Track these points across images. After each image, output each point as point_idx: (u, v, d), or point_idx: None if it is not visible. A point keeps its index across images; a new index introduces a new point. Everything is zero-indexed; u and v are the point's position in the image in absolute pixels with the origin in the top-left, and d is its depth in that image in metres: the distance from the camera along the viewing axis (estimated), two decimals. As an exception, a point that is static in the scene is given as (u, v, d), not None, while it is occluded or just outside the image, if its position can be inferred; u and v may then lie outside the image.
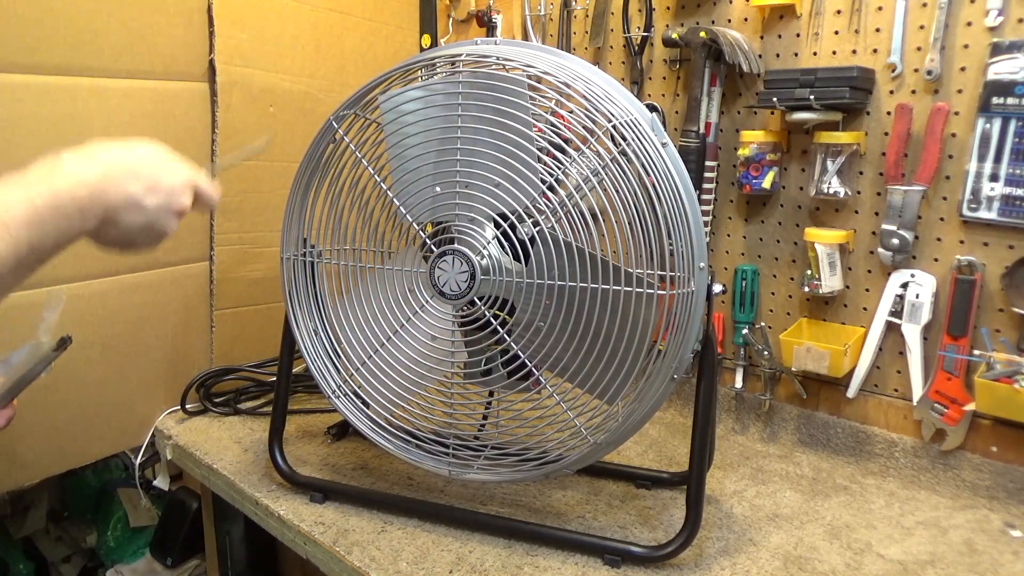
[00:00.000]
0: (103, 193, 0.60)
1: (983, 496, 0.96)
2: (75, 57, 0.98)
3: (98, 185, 0.60)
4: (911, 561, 0.82)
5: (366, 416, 0.90)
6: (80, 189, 0.58)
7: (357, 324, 0.89)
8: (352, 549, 0.82)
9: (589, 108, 0.74)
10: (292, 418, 1.18)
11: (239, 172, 1.19)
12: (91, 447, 1.12)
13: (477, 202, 0.78)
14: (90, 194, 0.59)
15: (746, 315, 1.15)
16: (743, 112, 1.14)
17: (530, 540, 0.84)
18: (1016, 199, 0.91)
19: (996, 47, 0.90)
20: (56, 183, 0.57)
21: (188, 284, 1.17)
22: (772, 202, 1.13)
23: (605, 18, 1.26)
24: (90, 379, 1.07)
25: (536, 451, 0.84)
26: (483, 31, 1.42)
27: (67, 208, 0.57)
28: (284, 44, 1.23)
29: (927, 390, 0.99)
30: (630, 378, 0.76)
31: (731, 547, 0.84)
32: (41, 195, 0.56)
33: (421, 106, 0.80)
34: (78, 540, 1.51)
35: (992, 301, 0.95)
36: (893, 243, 1.00)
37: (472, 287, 0.79)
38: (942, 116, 0.95)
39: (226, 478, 1.00)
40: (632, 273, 0.74)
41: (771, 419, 1.15)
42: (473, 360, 0.85)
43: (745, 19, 1.12)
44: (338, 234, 0.89)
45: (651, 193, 0.71)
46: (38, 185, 0.56)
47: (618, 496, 0.96)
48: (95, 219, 0.60)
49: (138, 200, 0.63)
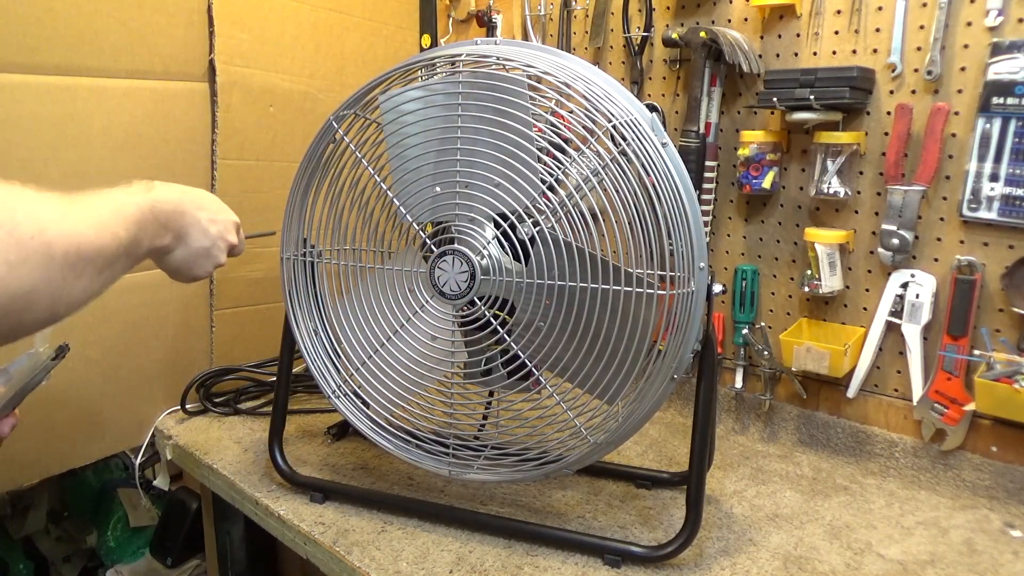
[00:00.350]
0: (182, 211, 0.73)
1: (983, 496, 0.96)
2: (75, 57, 0.98)
3: (179, 203, 0.72)
4: (911, 561, 0.82)
5: (366, 416, 0.90)
6: (167, 204, 0.70)
7: (357, 324, 0.89)
8: (352, 549, 0.82)
9: (589, 108, 0.74)
10: (292, 418, 1.18)
11: (239, 172, 1.19)
12: (91, 447, 1.12)
13: (477, 202, 0.78)
14: (173, 210, 0.71)
15: (746, 315, 1.15)
16: (743, 112, 1.14)
17: (530, 540, 0.84)
18: (1016, 199, 0.91)
19: (996, 47, 0.90)
20: (152, 196, 0.68)
21: (188, 284, 1.16)
22: (772, 202, 1.13)
23: (605, 18, 1.26)
24: (90, 379, 1.07)
25: (536, 451, 0.83)
26: (483, 31, 1.42)
27: (159, 217, 0.68)
28: (284, 44, 1.23)
29: (927, 390, 0.99)
30: (630, 378, 0.76)
31: (731, 547, 0.84)
32: (146, 201, 0.66)
33: (421, 106, 0.80)
34: (78, 540, 1.51)
35: (992, 301, 0.95)
36: (893, 243, 1.00)
37: (472, 287, 0.79)
38: (942, 116, 0.95)
39: (226, 478, 1.00)
40: (632, 273, 0.74)
41: (771, 419, 1.15)
42: (473, 360, 0.85)
43: (745, 19, 1.12)
44: (338, 234, 0.89)
45: (651, 193, 0.71)
46: (140, 195, 0.66)
47: (618, 496, 0.96)
48: (171, 234, 0.72)
49: (205, 225, 0.76)
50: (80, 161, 1.01)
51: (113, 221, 0.60)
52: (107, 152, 1.03)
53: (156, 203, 0.68)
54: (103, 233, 0.58)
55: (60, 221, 0.53)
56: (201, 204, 0.76)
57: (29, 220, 0.51)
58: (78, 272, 0.54)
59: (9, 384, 0.71)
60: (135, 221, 0.63)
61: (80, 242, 0.54)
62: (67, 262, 0.53)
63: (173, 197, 0.72)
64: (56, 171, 0.98)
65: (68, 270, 0.53)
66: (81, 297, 0.56)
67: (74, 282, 0.54)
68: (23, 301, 0.50)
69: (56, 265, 0.52)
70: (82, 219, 0.56)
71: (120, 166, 1.05)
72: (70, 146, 0.99)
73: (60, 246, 0.52)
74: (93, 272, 0.56)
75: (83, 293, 0.56)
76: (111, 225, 0.59)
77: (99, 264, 0.57)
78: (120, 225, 0.61)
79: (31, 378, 0.72)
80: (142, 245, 0.65)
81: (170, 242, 0.72)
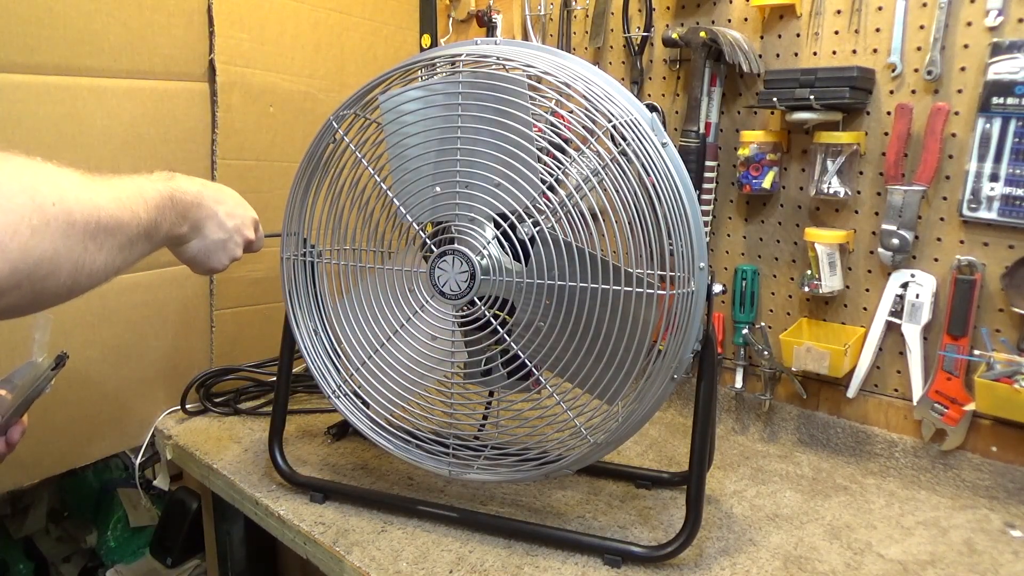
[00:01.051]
0: (200, 204, 0.75)
1: (983, 496, 0.96)
2: (75, 57, 0.98)
3: (198, 196, 0.75)
4: (911, 561, 0.82)
5: (366, 416, 0.90)
6: (186, 195, 0.72)
7: (357, 324, 0.89)
8: (352, 549, 0.82)
9: (589, 108, 0.74)
10: (292, 418, 1.18)
11: (239, 172, 1.19)
12: (91, 447, 1.12)
13: (477, 202, 0.78)
14: (192, 201, 0.73)
15: (746, 315, 1.15)
16: (743, 112, 1.14)
17: (530, 540, 0.84)
18: (1016, 199, 0.91)
19: (996, 47, 0.90)
20: (172, 185, 0.70)
21: (188, 284, 1.17)
22: (772, 202, 1.13)
23: (605, 18, 1.26)
24: (90, 379, 1.07)
25: (536, 451, 0.83)
26: (483, 31, 1.42)
27: (177, 206, 0.70)
28: (284, 44, 1.23)
29: (927, 390, 0.99)
30: (630, 378, 0.76)
31: (731, 547, 0.84)
32: (167, 188, 0.69)
33: (421, 106, 0.80)
34: (78, 540, 1.50)
35: (992, 301, 0.95)
36: (893, 243, 1.00)
37: (472, 287, 0.79)
38: (942, 116, 0.95)
39: (226, 478, 1.00)
40: (632, 273, 0.73)
41: (771, 419, 1.15)
42: (473, 360, 0.85)
43: (745, 19, 1.12)
44: (338, 234, 0.89)
45: (651, 193, 0.71)
46: (161, 183, 0.69)
47: (618, 496, 0.96)
48: (188, 224, 0.74)
49: (222, 219, 0.78)
50: (80, 161, 0.98)
51: (133, 202, 0.61)
52: (107, 152, 1.03)
53: (176, 192, 0.70)
54: (123, 210, 0.59)
55: (80, 193, 0.55)
56: (220, 198, 0.79)
57: (50, 188, 0.52)
58: (99, 243, 0.56)
59: (15, 392, 0.71)
60: (155, 205, 0.65)
61: (100, 215, 0.56)
62: (87, 231, 0.54)
63: (193, 189, 0.74)
64: (56, 171, 0.98)
65: (89, 239, 0.55)
66: (102, 270, 0.57)
67: (96, 253, 0.56)
68: (47, 266, 0.51)
69: (77, 233, 0.53)
70: (103, 194, 0.58)
71: (120, 166, 1.05)
72: (70, 146, 0.99)
73: (81, 215, 0.54)
74: (114, 247, 0.58)
75: (104, 266, 0.57)
76: (131, 204, 0.61)
77: (120, 239, 0.59)
78: (140, 206, 0.62)
79: (34, 387, 0.72)
80: (161, 230, 0.67)
81: (187, 231, 0.74)
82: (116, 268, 0.59)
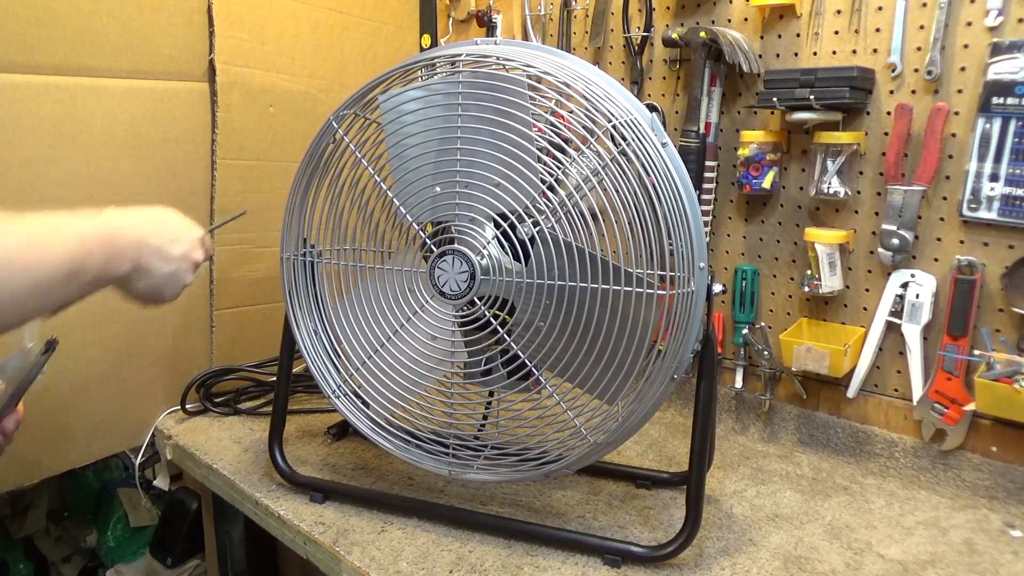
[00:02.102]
0: (141, 241, 0.70)
1: (983, 496, 0.96)
2: (75, 57, 0.98)
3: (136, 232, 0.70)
4: (911, 561, 0.82)
5: (366, 416, 0.90)
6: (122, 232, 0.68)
7: (357, 324, 0.89)
8: (352, 549, 0.82)
9: (589, 108, 0.74)
10: (292, 418, 1.18)
11: (239, 172, 1.19)
12: (91, 447, 1.11)
13: (477, 202, 0.78)
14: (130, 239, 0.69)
15: (746, 315, 1.15)
16: (743, 112, 1.14)
17: (530, 540, 0.84)
18: (1016, 199, 0.91)
19: (996, 47, 0.90)
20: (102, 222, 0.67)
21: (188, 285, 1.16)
22: (772, 202, 1.13)
23: (605, 18, 1.26)
24: (90, 379, 1.07)
25: (536, 451, 0.84)
26: (483, 31, 1.42)
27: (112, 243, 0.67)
28: (284, 44, 1.23)
29: (927, 390, 0.99)
30: (630, 378, 0.76)
31: (731, 547, 0.84)
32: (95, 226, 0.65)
33: (421, 106, 0.80)
34: (78, 540, 1.50)
35: (992, 301, 0.95)
36: (893, 243, 1.00)
37: (472, 287, 0.79)
38: (942, 116, 0.95)
39: (226, 478, 1.00)
40: (632, 273, 0.74)
41: (771, 419, 1.15)
42: (473, 360, 0.85)
43: (745, 19, 1.12)
44: (338, 234, 0.89)
45: (651, 193, 0.71)
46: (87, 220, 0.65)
47: (618, 496, 0.96)
48: (129, 263, 0.69)
49: (166, 251, 0.73)
50: (80, 161, 1.01)
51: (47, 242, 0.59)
52: (107, 152, 1.03)
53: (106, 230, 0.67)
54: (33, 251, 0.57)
55: None
56: (161, 228, 0.74)
57: None
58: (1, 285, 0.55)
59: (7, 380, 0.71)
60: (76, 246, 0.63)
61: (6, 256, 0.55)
62: None
63: (129, 224, 0.70)
64: (56, 171, 0.98)
65: None
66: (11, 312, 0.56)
67: None
68: None
69: None
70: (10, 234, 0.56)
71: (120, 166, 1.05)
72: (70, 146, 0.99)
73: None
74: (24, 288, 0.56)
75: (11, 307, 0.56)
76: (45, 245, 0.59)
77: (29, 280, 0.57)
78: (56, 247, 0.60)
79: (27, 374, 0.72)
80: (87, 271, 0.64)
81: (128, 272, 0.70)
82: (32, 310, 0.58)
